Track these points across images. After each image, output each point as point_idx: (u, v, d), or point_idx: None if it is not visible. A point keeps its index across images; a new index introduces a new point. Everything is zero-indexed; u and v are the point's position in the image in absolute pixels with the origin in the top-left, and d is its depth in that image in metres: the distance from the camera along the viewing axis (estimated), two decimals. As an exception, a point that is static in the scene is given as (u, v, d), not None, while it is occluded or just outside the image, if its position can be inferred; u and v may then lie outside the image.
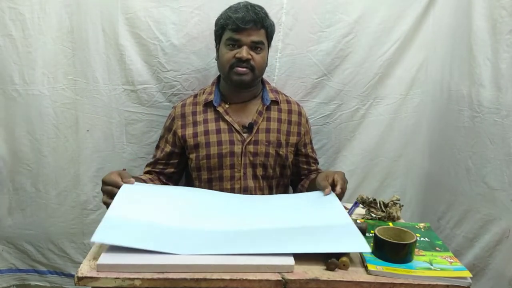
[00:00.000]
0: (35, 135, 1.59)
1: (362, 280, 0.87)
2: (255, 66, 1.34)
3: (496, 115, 1.36)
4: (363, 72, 1.64)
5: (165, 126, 1.47)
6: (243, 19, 1.30)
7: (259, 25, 1.33)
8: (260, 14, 1.33)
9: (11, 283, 1.76)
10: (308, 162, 1.51)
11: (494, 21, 1.35)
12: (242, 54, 1.31)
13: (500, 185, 1.35)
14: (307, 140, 1.50)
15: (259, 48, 1.35)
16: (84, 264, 0.88)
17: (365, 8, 1.58)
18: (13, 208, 1.68)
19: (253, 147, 1.39)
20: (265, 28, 1.35)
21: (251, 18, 1.30)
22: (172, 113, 1.45)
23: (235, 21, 1.30)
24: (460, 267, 0.92)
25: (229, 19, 1.31)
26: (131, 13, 1.51)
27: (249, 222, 1.04)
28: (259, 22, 1.32)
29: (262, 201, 1.23)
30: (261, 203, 1.20)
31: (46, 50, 1.52)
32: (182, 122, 1.42)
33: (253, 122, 1.40)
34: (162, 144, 1.46)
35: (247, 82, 1.36)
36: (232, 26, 1.31)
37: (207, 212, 1.09)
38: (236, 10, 1.32)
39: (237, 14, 1.30)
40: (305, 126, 1.49)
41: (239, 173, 1.39)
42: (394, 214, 1.15)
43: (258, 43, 1.34)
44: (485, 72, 1.39)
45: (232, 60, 1.33)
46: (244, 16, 1.30)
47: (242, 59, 1.32)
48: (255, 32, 1.33)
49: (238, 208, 1.15)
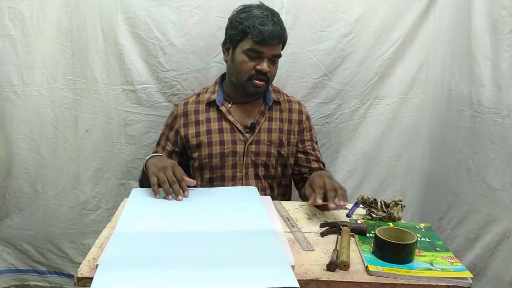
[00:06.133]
0: (34, 136, 1.59)
1: (362, 281, 0.87)
2: (271, 77, 1.36)
3: (496, 115, 1.35)
4: (363, 71, 1.64)
5: (166, 123, 1.47)
6: (271, 34, 1.28)
7: (282, 40, 1.34)
8: (284, 29, 1.34)
9: (10, 283, 1.76)
10: (308, 160, 1.48)
11: (494, 20, 1.35)
12: (264, 67, 1.31)
13: (501, 185, 1.35)
14: (306, 137, 1.48)
15: (276, 60, 1.36)
16: (83, 265, 0.88)
17: (366, 8, 1.58)
18: (12, 208, 1.68)
19: (255, 147, 1.39)
20: (284, 41, 1.37)
21: (278, 33, 1.30)
22: (174, 111, 1.45)
23: (263, 34, 1.27)
24: (461, 268, 0.91)
25: (255, 29, 1.28)
26: (131, 13, 1.51)
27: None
28: (283, 36, 1.34)
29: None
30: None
31: (45, 50, 1.52)
32: (185, 121, 1.41)
33: (255, 122, 1.41)
34: (163, 142, 1.46)
35: (261, 93, 1.39)
36: (257, 38, 1.29)
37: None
38: (263, 21, 1.28)
39: (264, 27, 1.27)
40: (305, 123, 1.48)
41: (240, 173, 1.39)
42: (395, 215, 1.14)
43: (278, 56, 1.35)
44: (485, 72, 1.38)
45: (252, 71, 1.33)
46: (272, 31, 1.28)
47: (263, 72, 1.32)
48: (277, 46, 1.34)
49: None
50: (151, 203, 1.18)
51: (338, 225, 1.07)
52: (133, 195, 1.21)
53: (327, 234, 1.07)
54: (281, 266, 0.86)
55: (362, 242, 1.01)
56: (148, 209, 1.14)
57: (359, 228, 1.07)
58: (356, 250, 1.00)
